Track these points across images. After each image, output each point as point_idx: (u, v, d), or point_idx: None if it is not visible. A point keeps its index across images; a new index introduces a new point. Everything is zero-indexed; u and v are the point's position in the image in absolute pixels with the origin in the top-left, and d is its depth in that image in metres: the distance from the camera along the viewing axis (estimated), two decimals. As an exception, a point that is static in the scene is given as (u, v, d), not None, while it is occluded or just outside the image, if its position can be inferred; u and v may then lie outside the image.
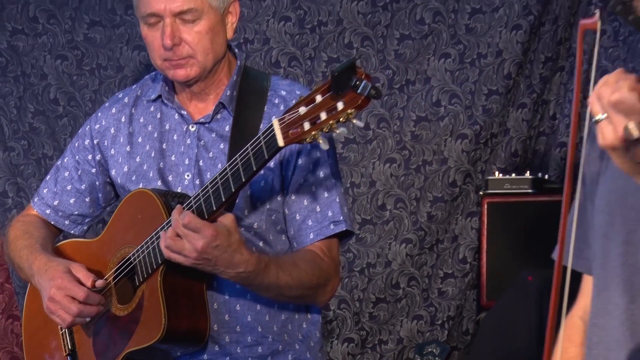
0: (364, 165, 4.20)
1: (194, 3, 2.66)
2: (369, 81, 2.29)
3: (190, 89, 2.77)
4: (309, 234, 2.73)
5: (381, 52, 4.19)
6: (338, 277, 2.82)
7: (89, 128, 2.95)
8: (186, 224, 2.49)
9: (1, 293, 4.30)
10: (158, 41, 2.66)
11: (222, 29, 2.74)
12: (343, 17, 4.18)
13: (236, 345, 2.71)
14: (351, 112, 2.32)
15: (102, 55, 4.22)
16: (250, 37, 4.18)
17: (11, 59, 4.23)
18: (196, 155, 2.75)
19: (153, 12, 2.66)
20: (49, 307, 2.72)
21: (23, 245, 2.87)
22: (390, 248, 4.22)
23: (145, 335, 2.65)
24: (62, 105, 4.24)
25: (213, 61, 2.72)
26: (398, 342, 4.25)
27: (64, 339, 2.89)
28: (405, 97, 4.20)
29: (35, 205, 2.98)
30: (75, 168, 2.95)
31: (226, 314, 2.70)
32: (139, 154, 2.85)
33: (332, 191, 2.75)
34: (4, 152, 4.25)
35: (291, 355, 2.78)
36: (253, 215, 2.71)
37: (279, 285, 2.62)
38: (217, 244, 2.48)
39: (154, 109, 2.85)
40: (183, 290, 2.66)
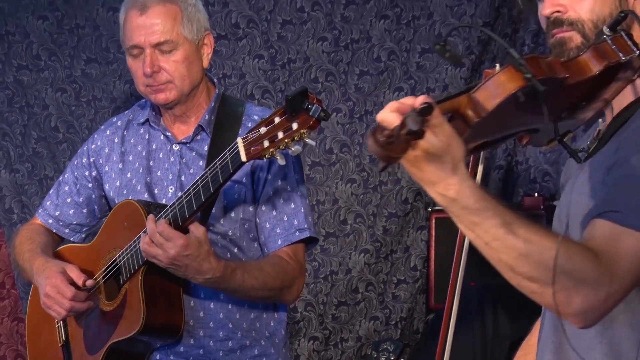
0: (328, 185, 4.35)
1: (169, 35, 2.77)
2: (319, 105, 2.39)
3: (172, 112, 2.85)
4: (277, 240, 2.81)
5: (343, 86, 4.35)
6: (303, 278, 2.89)
7: (87, 148, 3.05)
8: (160, 232, 2.60)
9: (7, 298, 4.36)
10: (140, 70, 2.77)
11: (198, 58, 2.83)
12: (310, 55, 4.34)
13: (209, 339, 2.81)
14: (304, 131, 2.42)
15: (97, 88, 4.34)
16: (228, 72, 4.31)
17: (17, 91, 4.35)
18: (179, 171, 2.85)
19: (135, 44, 2.77)
20: (44, 302, 2.82)
21: (26, 249, 2.97)
22: (351, 257, 4.36)
23: (127, 328, 2.74)
24: (62, 132, 4.37)
25: (190, 86, 2.81)
26: (357, 340, 4.40)
27: (59, 332, 2.99)
28: (364, 125, 4.34)
29: (39, 215, 3.08)
30: (74, 183, 3.04)
31: (201, 311, 2.80)
32: (130, 170, 2.93)
33: (297, 203, 2.84)
34: (10, 173, 4.35)
35: (257, 350, 2.88)
36: (228, 224, 2.80)
37: (245, 287, 2.71)
38: (187, 254, 2.59)
39: (143, 131, 2.96)
40: (161, 289, 2.74)
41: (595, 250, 1.70)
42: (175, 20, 2.77)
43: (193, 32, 2.80)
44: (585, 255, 1.67)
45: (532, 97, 1.66)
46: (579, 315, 1.69)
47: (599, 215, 1.73)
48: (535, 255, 1.65)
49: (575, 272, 1.65)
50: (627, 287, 1.73)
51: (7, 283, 4.38)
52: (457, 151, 1.62)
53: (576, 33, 1.85)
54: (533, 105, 1.67)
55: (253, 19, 4.34)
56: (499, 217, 1.64)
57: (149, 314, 2.68)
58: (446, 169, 1.61)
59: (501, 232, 1.64)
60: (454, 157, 1.61)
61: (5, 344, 4.37)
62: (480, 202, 1.64)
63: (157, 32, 2.76)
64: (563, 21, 1.87)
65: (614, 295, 1.71)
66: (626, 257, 1.70)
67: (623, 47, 1.76)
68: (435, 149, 1.58)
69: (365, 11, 4.31)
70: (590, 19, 1.85)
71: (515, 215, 1.66)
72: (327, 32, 4.34)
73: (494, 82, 1.66)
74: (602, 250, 1.70)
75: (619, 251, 1.70)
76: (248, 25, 4.33)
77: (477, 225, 1.65)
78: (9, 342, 4.38)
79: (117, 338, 2.76)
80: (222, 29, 4.30)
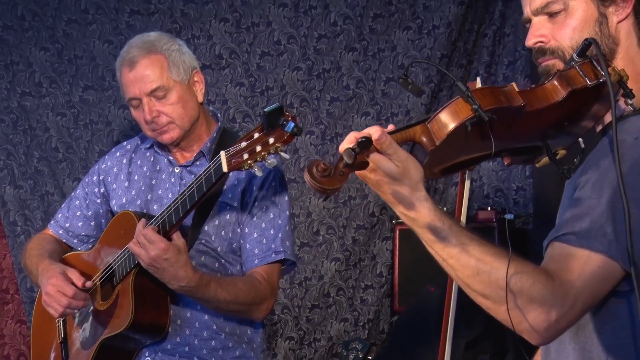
0: (302, 200, 4.44)
1: (160, 82, 2.80)
2: (293, 121, 2.40)
3: (178, 146, 2.89)
4: (254, 260, 2.83)
5: (315, 111, 4.46)
6: (273, 298, 2.88)
7: (98, 167, 3.07)
8: (144, 234, 2.61)
9: (11, 302, 4.38)
10: (142, 118, 2.82)
11: (192, 95, 2.86)
12: (286, 83, 4.44)
13: (194, 338, 2.82)
14: (279, 145, 2.43)
15: (94, 112, 4.43)
16: (213, 99, 4.40)
17: (21, 115, 4.42)
18: (178, 191, 2.82)
19: (132, 97, 2.81)
20: (45, 300, 2.82)
21: (35, 254, 3.00)
22: (323, 265, 4.45)
23: (116, 325, 2.75)
24: (62, 152, 4.44)
25: (190, 123, 2.84)
26: (329, 339, 4.49)
27: (59, 330, 2.99)
28: (335, 146, 4.43)
29: (51, 226, 3.11)
30: (85, 198, 3.06)
31: (188, 312, 2.81)
32: (134, 189, 2.96)
33: (277, 228, 2.85)
34: (14, 189, 4.40)
35: (238, 352, 2.89)
36: (218, 241, 2.84)
37: (217, 299, 2.72)
38: (166, 257, 2.59)
39: (149, 154, 2.99)
40: (150, 291, 2.74)
41: (551, 272, 1.67)
42: (163, 67, 2.79)
43: (181, 74, 2.82)
44: (536, 276, 1.65)
45: (481, 126, 1.65)
46: (532, 333, 1.67)
47: (556, 238, 1.72)
48: (487, 274, 1.66)
49: (525, 292, 1.64)
50: (580, 306, 1.70)
51: (11, 289, 4.39)
52: (414, 174, 1.64)
53: (558, 60, 1.85)
54: (485, 132, 1.66)
55: (235, 51, 4.44)
56: (454, 237, 1.65)
57: (137, 313, 2.70)
58: (405, 190, 1.64)
59: (456, 250, 1.66)
60: (412, 180, 1.63)
61: (9, 344, 4.38)
62: (437, 222, 1.65)
63: (148, 82, 2.78)
64: (546, 50, 1.86)
65: (567, 316, 1.69)
66: (580, 277, 1.68)
67: (589, 73, 1.73)
68: (393, 174, 1.61)
69: (335, 44, 4.42)
70: (570, 45, 1.83)
71: (470, 236, 1.67)
72: (301, 62, 4.44)
73: (445, 112, 1.66)
74: (557, 271, 1.68)
75: (573, 272, 1.68)
76: (230, 56, 4.43)
77: (435, 242, 1.67)
78: (12, 343, 4.40)
79: (108, 334, 2.77)
80: (207, 59, 4.39)
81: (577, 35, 1.82)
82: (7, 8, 4.37)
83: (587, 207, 1.70)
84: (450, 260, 1.67)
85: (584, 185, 1.74)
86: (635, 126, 1.75)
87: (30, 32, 4.42)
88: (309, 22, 4.45)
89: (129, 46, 2.86)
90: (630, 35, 1.86)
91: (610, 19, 1.84)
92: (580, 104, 1.74)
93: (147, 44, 2.83)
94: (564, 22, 1.84)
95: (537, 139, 1.80)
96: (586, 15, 1.83)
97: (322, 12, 4.44)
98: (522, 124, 1.72)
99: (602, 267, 1.68)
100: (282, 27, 4.45)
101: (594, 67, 1.72)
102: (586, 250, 1.68)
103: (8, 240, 4.36)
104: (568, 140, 1.84)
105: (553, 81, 1.72)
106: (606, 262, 1.68)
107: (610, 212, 1.69)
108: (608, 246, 1.67)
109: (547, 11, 1.85)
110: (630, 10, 1.85)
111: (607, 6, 1.84)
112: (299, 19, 4.45)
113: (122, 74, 2.82)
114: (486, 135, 1.65)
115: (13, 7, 4.39)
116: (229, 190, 2.79)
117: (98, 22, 4.43)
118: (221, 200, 2.81)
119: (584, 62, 1.73)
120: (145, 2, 4.44)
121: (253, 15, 4.44)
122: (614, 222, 1.68)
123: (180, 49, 2.86)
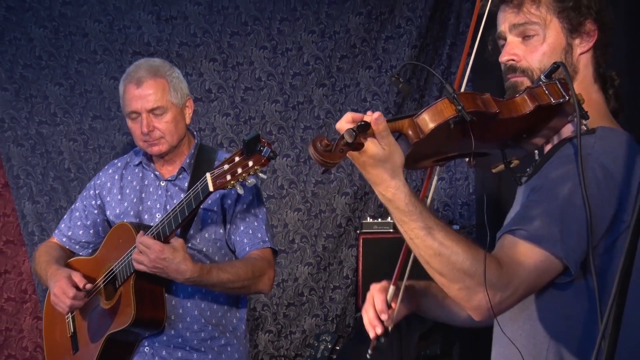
0: (280, 213, 4.50)
1: (160, 102, 2.82)
2: (269, 147, 2.45)
3: (162, 158, 2.92)
4: (245, 247, 2.85)
5: (291, 137, 4.53)
6: (273, 270, 2.85)
7: (93, 183, 3.08)
8: (141, 242, 2.64)
9: (29, 301, 4.41)
10: (139, 130, 2.84)
11: (182, 118, 2.89)
12: (265, 114, 4.52)
13: (186, 331, 2.86)
14: (257, 168, 2.46)
15: (101, 138, 4.48)
16: (203, 127, 4.47)
17: (38, 141, 4.46)
18: (165, 202, 2.88)
19: (133, 110, 2.83)
20: (52, 300, 2.87)
21: (43, 260, 3.03)
22: (297, 269, 4.51)
23: (121, 321, 2.79)
24: (73, 172, 4.46)
25: (177, 140, 2.87)
26: (303, 332, 4.52)
27: (69, 325, 3.02)
28: (308, 167, 4.52)
29: (55, 235, 3.13)
30: (83, 210, 3.07)
31: (180, 308, 2.85)
32: (126, 200, 2.96)
33: (260, 223, 2.88)
34: (33, 204, 4.42)
35: (224, 340, 2.90)
36: (203, 243, 2.87)
37: (222, 281, 2.73)
38: (164, 257, 2.61)
39: (137, 170, 2.98)
40: (148, 292, 2.78)
41: (501, 260, 1.68)
42: (164, 90, 2.82)
43: (178, 98, 2.85)
44: (489, 263, 1.65)
45: (462, 125, 1.64)
46: (476, 311, 1.69)
47: (509, 232, 1.72)
48: (446, 256, 1.65)
49: (478, 275, 1.64)
50: (521, 293, 1.70)
51: (29, 289, 4.41)
52: (397, 159, 1.63)
53: (527, 79, 1.84)
54: (464, 132, 1.65)
55: (222, 86, 4.49)
56: (422, 221, 1.65)
57: (138, 311, 2.73)
58: (386, 173, 1.62)
59: (422, 232, 1.65)
60: (394, 164, 1.62)
61: (27, 337, 4.39)
62: (410, 206, 1.65)
63: (150, 101, 2.80)
64: (517, 68, 1.85)
65: (509, 299, 1.69)
66: (525, 268, 1.68)
67: (554, 93, 1.73)
68: (379, 156, 1.61)
69: (308, 81, 4.49)
70: (539, 67, 1.83)
71: (437, 221, 1.67)
72: (279, 96, 4.50)
73: (432, 110, 1.64)
74: (506, 260, 1.68)
75: (519, 262, 1.68)
76: (218, 90, 4.49)
77: (405, 223, 1.66)
78: (30, 336, 4.41)
79: (114, 329, 2.80)
80: (198, 93, 4.43)
81: (546, 59, 1.83)
82: (27, 49, 4.41)
83: (539, 210, 1.71)
84: (417, 240, 1.66)
85: (537, 191, 1.75)
86: (589, 143, 1.75)
87: (47, 70, 4.43)
88: (286, 62, 4.48)
89: (137, 67, 2.85)
90: (587, 66, 1.88)
91: (575, 50, 1.85)
92: (540, 119, 1.74)
93: (153, 68, 2.83)
94: (536, 47, 1.84)
95: (499, 147, 1.80)
96: (556, 43, 1.84)
97: (296, 54, 4.48)
98: (493, 130, 1.73)
99: (545, 262, 1.69)
100: (263, 66, 4.48)
101: (558, 88, 1.73)
102: (534, 245, 1.69)
103: (27, 248, 4.37)
104: (521, 153, 1.84)
105: (523, 95, 1.72)
106: (549, 258, 1.69)
107: (559, 216, 1.69)
108: (553, 245, 1.68)
109: (522, 31, 1.85)
110: (592, 45, 1.87)
111: (575, 38, 1.85)
112: (277, 59, 4.48)
113: (128, 90, 2.82)
114: (466, 135, 1.65)
115: (32, 48, 4.42)
116: (209, 197, 2.74)
117: (105, 62, 4.45)
118: (202, 207, 2.78)
119: (550, 82, 1.74)
120: (145, 45, 4.46)
121: (238, 56, 4.47)
122: (561, 225, 1.68)
123: (179, 76, 2.89)
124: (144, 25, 4.50)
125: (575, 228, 1.68)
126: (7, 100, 4.41)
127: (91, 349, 2.89)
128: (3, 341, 4.39)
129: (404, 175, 1.65)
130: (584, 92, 1.78)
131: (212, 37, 4.50)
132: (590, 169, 1.70)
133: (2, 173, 4.38)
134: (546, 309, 1.78)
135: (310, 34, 4.52)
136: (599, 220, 1.69)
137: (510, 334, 1.82)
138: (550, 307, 1.78)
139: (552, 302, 1.77)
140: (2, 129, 4.41)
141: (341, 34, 4.52)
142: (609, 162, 1.72)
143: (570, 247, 1.68)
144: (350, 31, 4.52)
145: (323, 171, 1.59)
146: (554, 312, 1.78)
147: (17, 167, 4.43)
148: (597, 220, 1.68)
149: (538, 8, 1.83)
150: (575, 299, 1.74)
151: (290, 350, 4.52)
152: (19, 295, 4.43)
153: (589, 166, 1.70)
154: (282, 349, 4.53)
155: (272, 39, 4.53)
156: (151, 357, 2.85)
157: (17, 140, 4.44)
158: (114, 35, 4.48)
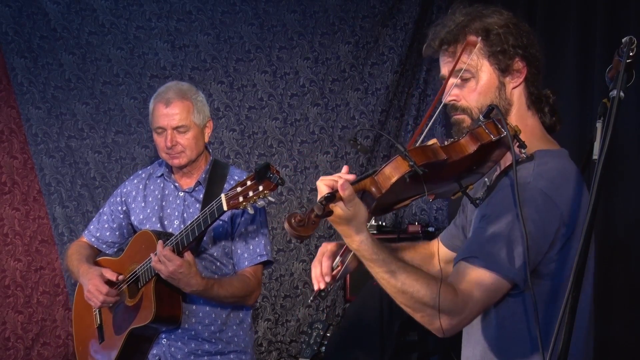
0: (279, 217, 4.61)
1: (185, 122, 2.88)
2: (278, 175, 2.52)
3: (181, 170, 2.97)
4: (245, 262, 2.92)
5: (289, 150, 4.66)
6: (259, 290, 2.99)
7: (120, 190, 3.14)
8: (164, 255, 2.68)
9: (61, 294, 4.50)
10: (163, 143, 2.90)
11: (202, 136, 2.95)
12: (267, 129, 4.64)
13: (198, 325, 2.93)
14: (267, 192, 2.56)
15: (123, 151, 4.55)
16: (212, 141, 4.53)
17: (67, 153, 4.52)
18: (182, 210, 2.94)
19: (160, 126, 2.90)
20: (87, 296, 2.94)
21: (75, 258, 3.09)
22: (293, 265, 4.67)
23: (143, 318, 2.85)
24: (98, 181, 4.54)
25: (196, 155, 2.93)
26: (297, 321, 4.68)
27: (96, 318, 3.09)
28: (304, 176, 4.67)
29: (85, 235, 3.22)
30: (110, 214, 3.13)
31: (193, 305, 2.93)
32: (149, 208, 3.01)
33: (260, 238, 2.93)
34: (62, 208, 4.48)
35: (230, 332, 2.97)
36: (214, 248, 2.94)
37: (219, 296, 2.84)
38: (181, 271, 2.67)
39: (159, 181, 3.04)
40: (167, 293, 2.84)
41: (457, 286, 1.74)
42: (189, 111, 2.88)
43: (200, 119, 2.92)
44: (446, 292, 1.70)
45: (417, 176, 1.68)
46: (438, 332, 1.76)
47: (464, 259, 1.78)
48: (409, 293, 1.72)
49: (436, 306, 1.70)
50: (476, 312, 1.77)
51: (61, 284, 4.48)
52: (361, 217, 1.67)
53: (467, 116, 1.89)
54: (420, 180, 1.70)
55: (229, 105, 4.61)
56: (386, 266, 1.71)
57: (158, 309, 2.80)
58: (352, 229, 1.67)
59: (387, 275, 1.71)
60: (359, 222, 1.67)
61: (60, 327, 4.47)
62: (373, 255, 1.70)
63: (176, 119, 2.87)
64: (457, 107, 1.90)
65: (466, 319, 1.76)
66: (478, 290, 1.74)
67: (493, 130, 1.76)
68: (345, 216, 1.65)
69: (304, 101, 4.63)
70: (476, 106, 1.88)
71: (399, 265, 1.72)
72: (278, 114, 4.63)
73: (388, 168, 1.67)
74: (462, 286, 1.74)
75: (474, 286, 1.74)
76: (225, 109, 4.59)
77: (371, 267, 1.73)
78: (62, 325, 4.50)
79: (136, 325, 2.87)
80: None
81: (482, 98, 1.88)
82: (57, 73, 4.47)
83: (487, 237, 1.77)
84: (382, 281, 1.74)
85: (485, 219, 1.80)
86: (528, 171, 1.80)
87: (75, 91, 4.49)
88: (284, 84, 4.60)
89: (167, 88, 2.91)
90: (521, 98, 1.92)
91: (507, 86, 1.90)
92: (486, 152, 1.79)
93: (182, 91, 2.90)
94: (472, 88, 1.88)
95: (454, 180, 1.85)
96: (489, 83, 1.88)
97: (294, 77, 4.60)
98: (445, 171, 1.77)
99: (496, 284, 1.77)
100: (264, 88, 4.58)
101: (496, 126, 1.77)
102: (486, 270, 1.75)
103: (57, 247, 4.45)
104: (476, 178, 1.89)
105: (466, 137, 1.75)
106: (499, 280, 1.77)
107: (505, 241, 1.75)
108: (502, 268, 1.75)
109: (460, 75, 1.88)
110: (522, 80, 1.91)
111: (505, 76, 1.90)
112: (276, 82, 4.59)
113: (157, 108, 2.87)
114: (419, 183, 1.70)
115: (62, 72, 4.48)
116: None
117: (126, 84, 4.51)
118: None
119: (489, 122, 1.77)
120: (161, 69, 4.54)
121: (242, 79, 4.58)
122: (507, 249, 1.75)
123: (203, 100, 2.96)
124: (160, 52, 4.58)
125: (521, 250, 1.75)
126: (41, 118, 4.47)
127: (115, 340, 2.96)
128: (39, 330, 4.41)
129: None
130: (520, 121, 1.86)
131: (219, 62, 4.61)
132: (530, 197, 1.76)
133: (36, 181, 4.41)
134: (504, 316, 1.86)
135: (305, 60, 4.66)
136: (542, 238, 1.76)
137: (476, 334, 1.92)
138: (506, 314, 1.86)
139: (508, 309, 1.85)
140: (36, 143, 4.47)
141: (332, 61, 4.67)
142: (547, 186, 1.77)
143: (517, 268, 1.75)
144: (340, 58, 4.68)
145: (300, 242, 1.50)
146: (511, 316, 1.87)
147: (49, 175, 4.49)
148: (541, 239, 1.75)
149: (470, 55, 1.86)
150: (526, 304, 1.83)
151: (287, 337, 4.61)
152: (53, 289, 4.47)
153: (530, 194, 1.76)
154: (279, 335, 4.63)
155: (272, 64, 4.64)
156: (168, 348, 2.93)
157: (49, 153, 4.50)
158: (134, 60, 4.56)
